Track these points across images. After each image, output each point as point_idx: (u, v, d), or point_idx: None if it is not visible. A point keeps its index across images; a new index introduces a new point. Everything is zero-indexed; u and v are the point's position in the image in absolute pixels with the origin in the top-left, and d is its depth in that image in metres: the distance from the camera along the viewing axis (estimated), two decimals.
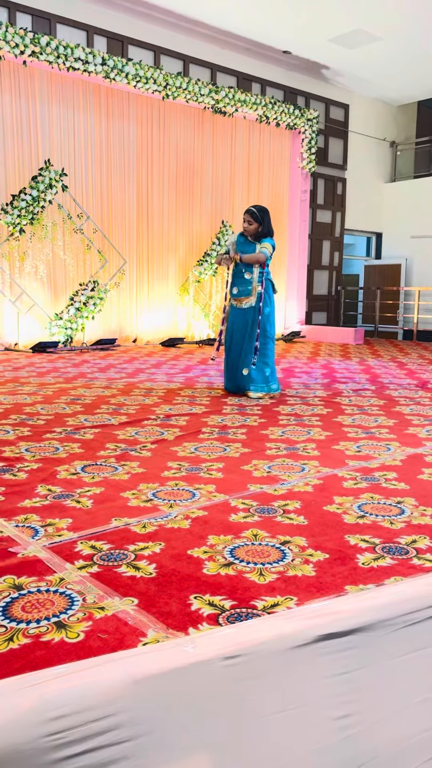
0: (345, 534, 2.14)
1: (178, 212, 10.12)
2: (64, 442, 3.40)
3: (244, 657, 1.38)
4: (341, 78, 11.90)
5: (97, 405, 4.56)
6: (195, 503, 2.43)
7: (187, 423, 4.00)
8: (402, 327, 13.20)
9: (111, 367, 6.95)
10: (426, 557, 1.95)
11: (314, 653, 1.47)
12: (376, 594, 1.62)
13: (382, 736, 1.60)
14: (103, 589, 1.69)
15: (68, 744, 1.23)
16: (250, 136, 10.92)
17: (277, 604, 1.63)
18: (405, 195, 13.35)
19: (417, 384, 6.05)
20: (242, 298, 5.10)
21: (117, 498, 2.48)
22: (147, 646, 1.40)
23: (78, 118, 8.87)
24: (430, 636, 1.63)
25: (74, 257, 8.96)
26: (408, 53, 10.62)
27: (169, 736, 1.31)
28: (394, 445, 3.49)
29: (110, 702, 1.26)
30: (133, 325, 9.81)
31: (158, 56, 9.62)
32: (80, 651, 1.40)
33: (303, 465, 3.04)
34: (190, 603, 1.63)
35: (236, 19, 9.51)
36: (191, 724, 1.33)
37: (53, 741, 1.21)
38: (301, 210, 11.68)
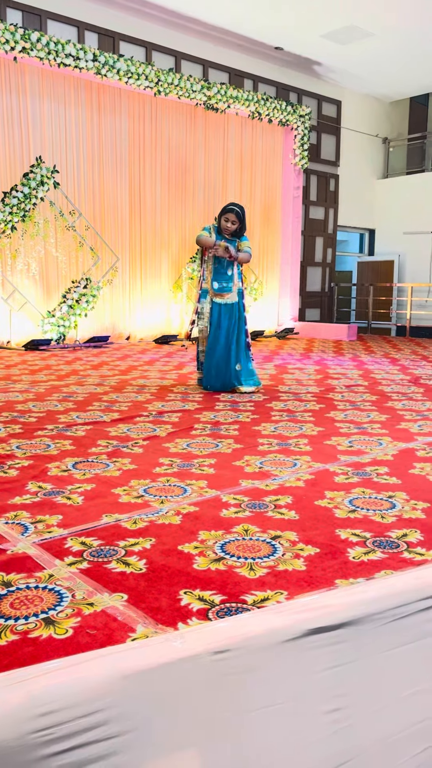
0: (336, 528, 2.14)
1: (170, 209, 10.10)
2: (56, 439, 3.38)
3: (234, 652, 1.38)
4: (333, 74, 11.88)
5: (89, 402, 4.55)
6: (186, 499, 2.43)
7: (180, 419, 3.99)
8: (395, 323, 13.22)
9: (104, 364, 6.93)
10: (416, 551, 1.95)
11: (304, 647, 1.46)
12: (366, 588, 1.62)
13: (371, 729, 1.60)
14: (93, 585, 1.69)
15: (57, 740, 1.22)
16: (243, 132, 10.90)
17: (267, 599, 1.63)
18: (397, 191, 13.36)
19: (409, 380, 6.06)
20: (225, 294, 5.13)
21: (108, 494, 2.47)
22: (135, 642, 1.40)
23: (69, 114, 8.83)
24: (419, 629, 1.63)
25: (66, 254, 8.93)
26: (400, 49, 10.61)
27: (158, 731, 1.31)
28: (386, 440, 3.49)
29: (98, 698, 1.25)
30: (126, 322, 9.79)
31: (150, 52, 9.59)
32: (69, 647, 1.39)
33: (295, 460, 3.04)
34: (179, 598, 1.63)
35: (228, 15, 9.48)
36: (180, 719, 1.33)
37: (41, 737, 1.21)
38: (294, 206, 11.67)
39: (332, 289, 13.05)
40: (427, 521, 2.22)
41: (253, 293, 11.22)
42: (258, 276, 11.40)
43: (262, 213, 11.41)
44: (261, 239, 11.42)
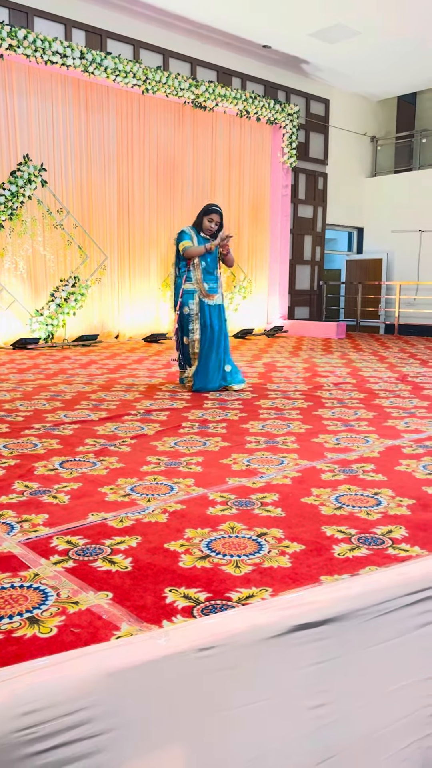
0: (322, 525, 2.15)
1: (159, 207, 10.08)
2: (43, 438, 3.37)
3: (218, 648, 1.38)
4: (321, 73, 11.90)
5: (77, 401, 4.54)
6: (173, 497, 2.43)
7: (168, 418, 3.99)
8: (383, 321, 13.27)
9: (92, 363, 6.92)
10: (401, 547, 1.96)
11: (288, 644, 1.47)
12: (350, 584, 1.63)
13: (356, 725, 1.61)
14: (78, 584, 1.69)
15: (41, 738, 1.22)
16: (231, 130, 10.90)
17: (252, 596, 1.64)
18: (386, 190, 13.41)
19: (397, 377, 6.08)
20: (213, 295, 5.11)
21: (94, 493, 2.47)
22: (120, 640, 1.40)
23: (57, 112, 8.79)
24: (403, 625, 1.64)
25: (54, 253, 8.90)
26: (387, 48, 10.65)
27: (142, 728, 1.31)
28: (372, 438, 3.51)
29: (82, 696, 1.25)
30: (115, 321, 9.76)
31: (137, 50, 9.56)
32: (53, 646, 1.39)
33: (282, 458, 3.05)
34: (164, 596, 1.63)
35: (216, 13, 9.47)
36: (165, 717, 1.33)
37: (25, 736, 1.21)
38: (283, 205, 11.68)
39: (321, 288, 13.08)
40: (412, 518, 2.23)
41: (242, 291, 11.23)
42: (247, 274, 11.41)
43: (251, 211, 11.41)
44: (250, 238, 11.43)
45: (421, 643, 1.64)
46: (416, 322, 12.67)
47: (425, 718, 1.71)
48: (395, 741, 1.66)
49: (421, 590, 1.65)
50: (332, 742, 1.55)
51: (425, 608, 1.63)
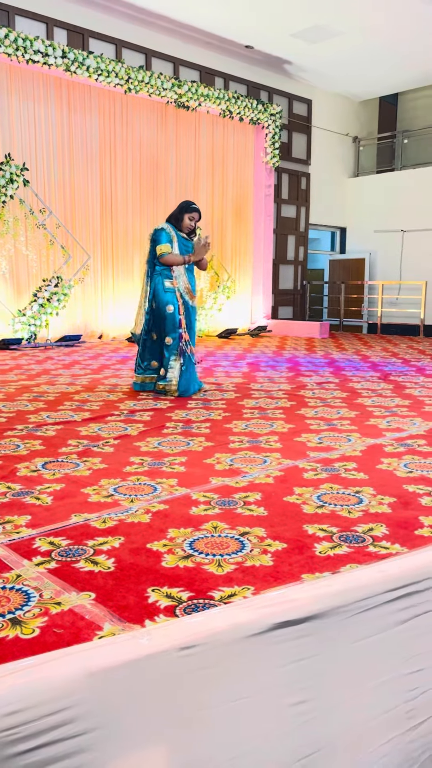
0: (303, 524, 2.17)
1: (142, 207, 10.07)
2: (25, 440, 3.36)
3: (200, 647, 1.39)
4: (304, 73, 11.95)
5: (60, 402, 4.53)
6: (156, 497, 2.44)
7: (152, 418, 3.99)
8: (366, 320, 13.36)
9: (75, 363, 6.90)
10: (381, 544, 1.99)
11: (270, 641, 1.49)
12: (331, 581, 1.65)
13: (339, 720, 1.63)
14: (61, 585, 1.69)
15: (23, 739, 1.22)
16: (214, 130, 10.91)
17: (234, 594, 1.65)
18: (368, 190, 13.50)
19: (379, 376, 6.13)
20: (194, 297, 5.04)
21: (77, 494, 2.47)
22: (102, 640, 1.40)
23: (39, 111, 8.75)
24: (383, 621, 1.66)
25: (37, 253, 8.85)
26: (369, 49, 10.72)
27: (125, 727, 1.32)
28: (354, 436, 3.54)
29: (65, 696, 1.26)
30: (98, 321, 9.74)
31: (120, 49, 9.54)
32: (35, 646, 1.39)
33: (265, 457, 3.07)
34: (147, 596, 1.64)
35: (198, 13, 9.48)
36: (147, 715, 1.34)
37: (8, 736, 1.21)
38: (266, 205, 11.72)
39: (304, 287, 13.13)
40: (392, 515, 2.26)
41: (225, 291, 11.25)
42: (231, 274, 11.43)
43: (234, 211, 11.43)
44: (233, 237, 11.45)
45: (401, 639, 1.67)
46: (398, 322, 12.77)
47: (405, 713, 1.73)
48: (376, 737, 1.68)
49: (401, 587, 1.67)
50: (314, 739, 1.56)
51: (404, 605, 1.66)
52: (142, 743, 1.33)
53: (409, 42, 10.42)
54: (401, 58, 11.13)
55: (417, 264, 12.64)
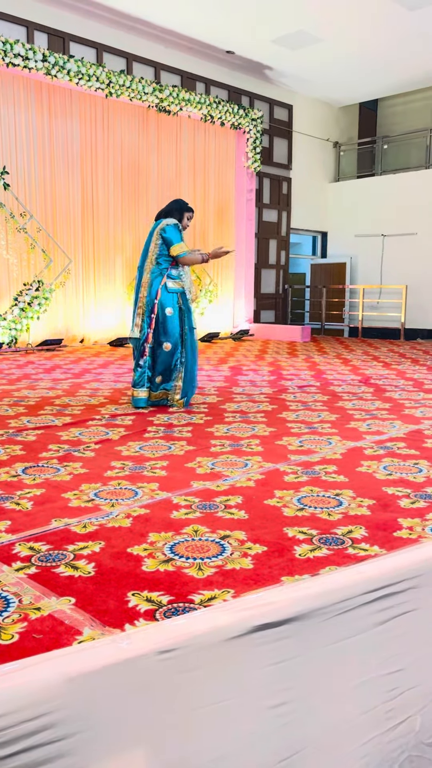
0: (284, 526, 2.18)
1: (124, 211, 10.06)
2: (5, 444, 3.34)
3: (180, 650, 1.40)
4: (284, 79, 12.03)
5: (40, 406, 4.51)
6: (137, 502, 2.44)
7: (133, 422, 3.99)
8: (348, 324, 13.45)
9: (57, 367, 6.87)
10: (360, 546, 2.01)
11: (250, 644, 1.49)
12: (310, 584, 1.66)
13: (319, 721, 1.64)
14: (40, 590, 1.68)
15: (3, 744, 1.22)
16: (195, 135, 10.94)
17: (214, 598, 1.66)
18: (349, 194, 13.61)
19: (360, 380, 6.18)
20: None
21: (58, 499, 2.46)
22: (81, 644, 1.40)
23: (19, 115, 8.71)
24: (362, 622, 1.68)
25: (18, 257, 8.80)
26: (349, 56, 10.82)
27: (105, 732, 1.32)
28: (335, 439, 3.57)
29: (44, 701, 1.25)
30: (80, 325, 9.70)
31: (101, 54, 9.54)
32: (14, 652, 1.39)
33: (246, 461, 3.08)
34: (127, 600, 1.64)
35: (179, 18, 9.50)
36: (127, 719, 1.34)
37: None
38: (248, 209, 11.76)
39: (286, 291, 13.20)
40: (371, 518, 2.28)
41: (208, 295, 11.27)
42: (213, 278, 11.45)
43: (216, 215, 11.46)
44: (215, 241, 11.47)
45: (379, 640, 1.69)
46: (379, 325, 12.87)
47: (384, 713, 1.75)
48: (356, 737, 1.70)
49: (379, 588, 1.69)
50: (294, 740, 1.57)
51: (382, 606, 1.67)
52: (123, 747, 1.34)
53: (389, 49, 10.53)
54: (381, 64, 11.25)
55: (397, 268, 12.76)
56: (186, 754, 1.42)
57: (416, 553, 1.84)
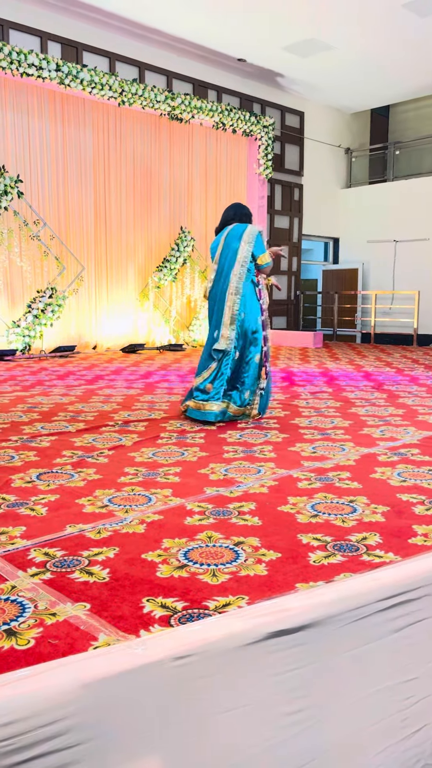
0: (298, 533, 2.17)
1: (136, 218, 10.11)
2: (20, 451, 3.36)
3: (195, 657, 1.40)
4: (296, 86, 12.06)
5: (54, 412, 4.53)
6: (151, 507, 2.44)
7: (146, 428, 4.00)
8: (360, 330, 13.41)
9: (70, 374, 6.90)
10: (375, 553, 2.00)
11: (264, 651, 1.49)
12: (325, 590, 1.66)
13: (334, 729, 1.63)
14: (56, 596, 1.69)
15: (18, 750, 1.23)
16: (207, 142, 10.99)
17: (229, 604, 1.65)
18: (360, 201, 13.59)
19: (373, 386, 6.16)
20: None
21: (72, 505, 2.47)
22: (97, 650, 1.41)
23: (33, 124, 8.80)
24: (378, 630, 1.67)
25: (31, 264, 8.87)
26: (360, 62, 10.83)
27: (120, 738, 1.32)
28: (348, 446, 3.55)
29: (59, 707, 1.26)
30: (92, 332, 9.75)
31: (113, 63, 9.62)
32: (30, 657, 1.39)
33: (259, 467, 3.08)
34: (142, 606, 1.64)
35: (191, 27, 9.57)
36: (142, 726, 1.34)
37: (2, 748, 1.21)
38: (259, 216, 11.78)
39: (298, 297, 13.19)
40: (386, 524, 2.27)
41: None
42: None
43: None
44: None
45: (394, 647, 1.68)
46: (392, 331, 12.83)
47: (400, 722, 1.74)
48: (371, 746, 1.69)
49: (394, 596, 1.68)
50: (309, 748, 1.57)
51: (398, 613, 1.67)
52: (137, 753, 1.34)
53: (400, 55, 10.53)
54: (392, 71, 11.26)
55: (410, 274, 12.72)
56: (201, 761, 1.41)
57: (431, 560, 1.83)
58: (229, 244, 4.31)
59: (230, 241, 4.32)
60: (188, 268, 10.76)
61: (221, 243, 4.36)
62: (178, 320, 10.79)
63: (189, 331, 10.90)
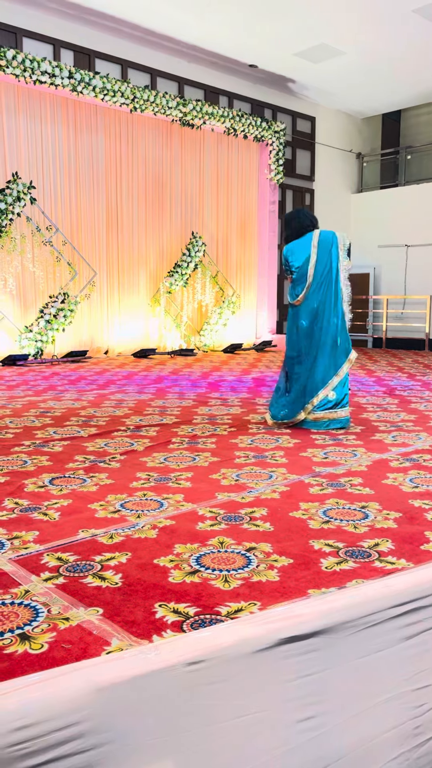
0: (309, 539, 2.17)
1: (147, 224, 10.16)
2: (33, 455, 3.39)
3: (207, 662, 1.40)
4: (307, 91, 12.09)
5: (66, 417, 4.55)
6: (163, 513, 2.45)
7: (158, 433, 4.01)
8: (371, 335, 13.38)
9: (82, 379, 6.93)
10: (387, 559, 1.99)
11: (277, 656, 1.49)
12: (338, 597, 1.66)
13: (347, 736, 1.63)
14: (69, 600, 1.70)
15: (32, 754, 1.23)
16: (218, 148, 11.03)
17: (241, 610, 1.66)
18: (372, 205, 13.58)
19: (385, 391, 6.14)
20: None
21: (84, 509, 2.49)
22: (110, 655, 1.42)
23: (46, 130, 8.87)
24: (390, 636, 1.66)
25: (44, 269, 8.93)
26: (371, 67, 10.84)
27: (133, 742, 1.33)
28: (360, 451, 3.55)
29: (73, 711, 1.27)
30: (104, 337, 9.80)
31: (125, 69, 9.68)
32: (43, 662, 1.40)
33: (271, 472, 3.08)
34: (154, 611, 1.65)
35: (202, 33, 9.62)
36: (155, 730, 1.35)
37: (17, 751, 1.22)
38: (270, 221, 11.80)
39: None
40: (398, 530, 2.26)
41: (231, 307, 11.30)
42: (236, 289, 11.49)
43: (239, 227, 11.52)
44: (238, 253, 11.53)
45: (407, 654, 1.67)
46: (404, 336, 12.79)
47: (412, 729, 1.73)
48: (383, 753, 1.68)
49: (407, 602, 1.68)
50: (321, 755, 1.56)
51: (411, 620, 1.66)
52: (150, 758, 1.34)
53: (411, 60, 10.53)
54: (403, 75, 11.25)
55: (421, 278, 12.68)
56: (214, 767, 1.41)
57: None
58: (324, 252, 4.25)
59: (325, 250, 4.25)
60: (199, 274, 10.79)
61: (313, 252, 4.25)
62: (189, 325, 10.82)
63: (200, 336, 10.92)
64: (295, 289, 4.30)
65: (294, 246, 4.33)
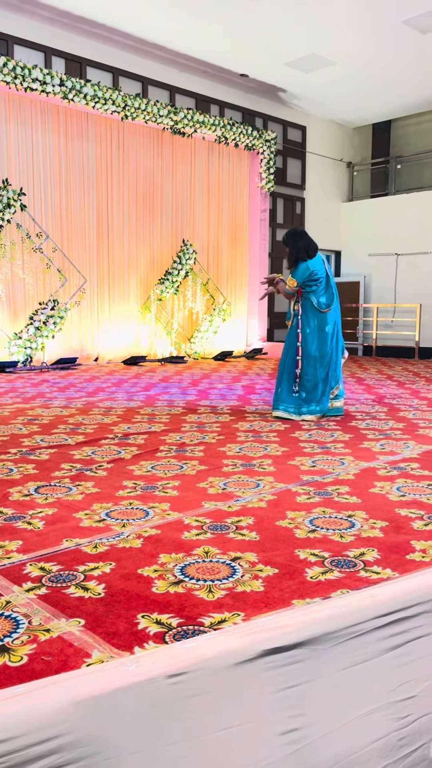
0: (295, 548, 2.16)
1: (138, 232, 10.16)
2: (19, 463, 3.36)
3: (189, 674, 1.38)
4: (298, 100, 12.16)
5: (54, 425, 4.53)
6: (148, 522, 2.44)
7: (145, 441, 4.00)
8: (362, 343, 13.42)
9: (71, 386, 6.91)
10: (373, 569, 1.98)
11: (259, 668, 1.48)
12: (321, 607, 1.65)
13: (330, 748, 1.61)
14: (50, 611, 1.68)
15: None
16: (209, 156, 11.06)
17: (225, 621, 1.64)
18: (362, 214, 13.65)
19: (374, 399, 6.15)
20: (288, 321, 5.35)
21: (69, 519, 2.47)
22: (90, 667, 1.40)
23: (36, 138, 8.87)
24: (375, 647, 1.65)
25: (34, 276, 8.91)
26: (362, 77, 10.92)
27: (113, 756, 1.31)
28: (348, 460, 3.54)
29: (52, 725, 1.25)
30: (94, 344, 9.77)
31: (117, 78, 9.71)
32: (23, 674, 1.38)
33: (258, 481, 3.07)
34: (137, 622, 1.63)
35: (194, 42, 9.66)
36: (135, 743, 1.33)
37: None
38: (261, 229, 11.84)
39: None
40: (384, 540, 2.26)
41: (221, 314, 11.31)
42: (226, 297, 11.50)
43: (230, 235, 11.55)
44: (229, 261, 11.55)
45: (392, 665, 1.66)
46: (394, 344, 12.83)
47: (397, 741, 1.72)
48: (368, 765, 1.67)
49: (392, 612, 1.67)
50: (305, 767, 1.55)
51: (395, 630, 1.65)
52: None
53: (402, 71, 10.62)
54: (394, 86, 11.34)
55: (411, 287, 12.74)
56: None
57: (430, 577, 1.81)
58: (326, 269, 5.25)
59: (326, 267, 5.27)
60: (190, 281, 10.80)
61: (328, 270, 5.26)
62: (180, 333, 10.81)
63: (191, 343, 10.92)
64: (319, 298, 5.09)
65: (314, 264, 5.16)
